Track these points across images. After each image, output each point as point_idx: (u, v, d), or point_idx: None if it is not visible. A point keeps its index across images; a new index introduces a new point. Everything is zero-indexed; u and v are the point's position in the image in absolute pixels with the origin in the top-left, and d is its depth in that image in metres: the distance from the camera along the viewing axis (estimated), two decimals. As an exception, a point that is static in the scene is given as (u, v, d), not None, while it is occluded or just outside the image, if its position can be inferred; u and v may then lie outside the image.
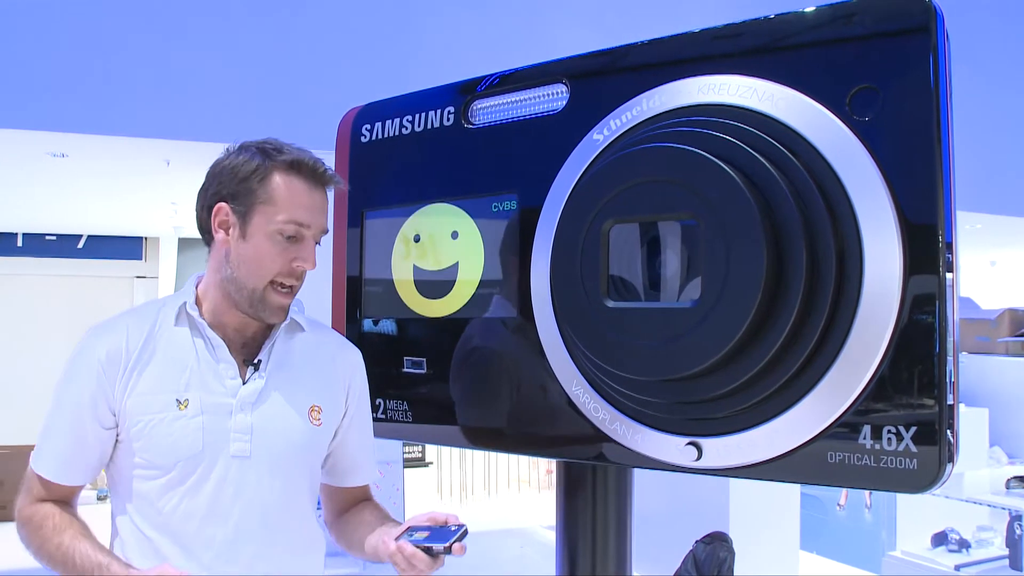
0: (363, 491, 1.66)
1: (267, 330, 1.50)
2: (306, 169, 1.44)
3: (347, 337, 1.67)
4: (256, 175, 1.42)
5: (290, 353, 1.52)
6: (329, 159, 1.77)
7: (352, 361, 1.60)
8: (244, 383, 1.45)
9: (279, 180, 1.42)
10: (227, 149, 1.48)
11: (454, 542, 1.35)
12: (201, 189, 1.48)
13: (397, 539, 1.38)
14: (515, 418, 1.54)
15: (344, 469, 1.61)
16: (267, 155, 1.43)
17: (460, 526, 1.38)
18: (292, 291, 1.47)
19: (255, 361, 1.47)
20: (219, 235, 1.45)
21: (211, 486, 1.40)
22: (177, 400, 1.41)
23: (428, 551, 1.35)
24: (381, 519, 1.56)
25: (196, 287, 1.50)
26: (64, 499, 1.46)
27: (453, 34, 4.17)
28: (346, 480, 1.63)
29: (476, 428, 1.60)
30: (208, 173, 1.48)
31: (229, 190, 1.43)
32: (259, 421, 1.44)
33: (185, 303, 1.47)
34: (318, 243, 1.48)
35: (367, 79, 3.92)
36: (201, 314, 1.47)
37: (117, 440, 1.43)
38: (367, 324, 1.75)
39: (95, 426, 1.42)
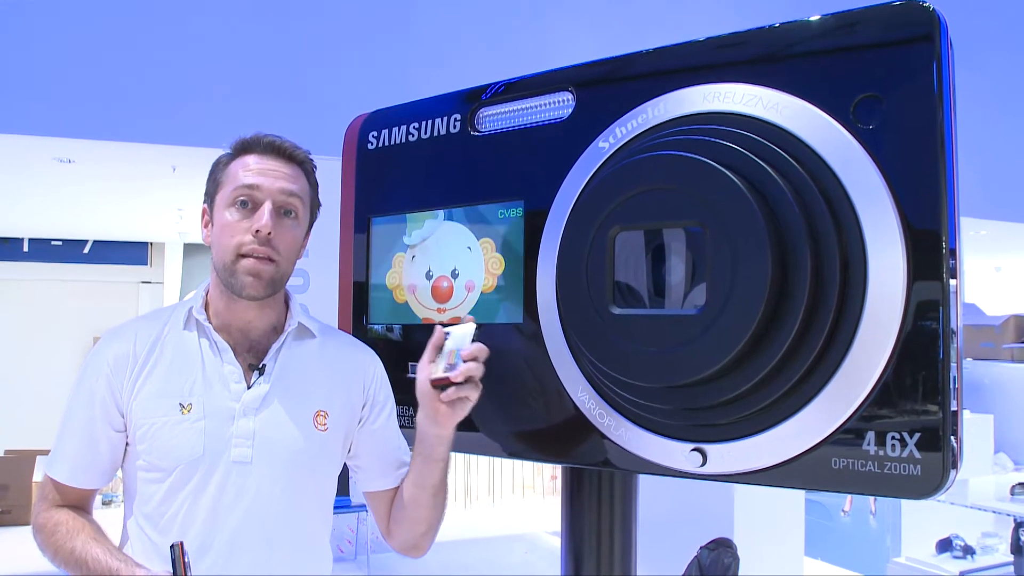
0: None
1: (274, 335, 1.51)
2: (256, 143, 1.48)
3: (353, 343, 1.67)
4: (219, 165, 1.50)
5: (298, 358, 1.52)
6: (336, 166, 1.79)
7: (365, 361, 1.59)
8: (249, 388, 1.46)
9: (235, 161, 1.48)
10: None
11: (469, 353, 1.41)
12: None
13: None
14: (520, 424, 1.55)
15: (384, 470, 1.58)
16: (231, 147, 1.50)
17: (461, 337, 1.43)
18: (265, 260, 1.43)
19: (260, 366, 1.48)
20: (204, 233, 1.50)
21: (212, 491, 1.40)
22: (180, 404, 1.42)
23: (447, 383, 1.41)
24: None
25: (205, 293, 1.51)
26: (79, 504, 1.47)
27: (460, 42, 4.18)
28: (390, 480, 1.59)
29: (481, 434, 1.61)
30: None
31: (206, 190, 1.51)
32: (261, 427, 1.44)
33: (192, 307, 1.49)
34: (289, 212, 1.46)
35: (373, 86, 3.94)
36: (208, 318, 1.48)
37: (127, 444, 1.45)
38: (373, 330, 1.75)
39: (106, 428, 1.43)
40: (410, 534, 1.57)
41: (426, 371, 1.45)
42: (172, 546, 1.25)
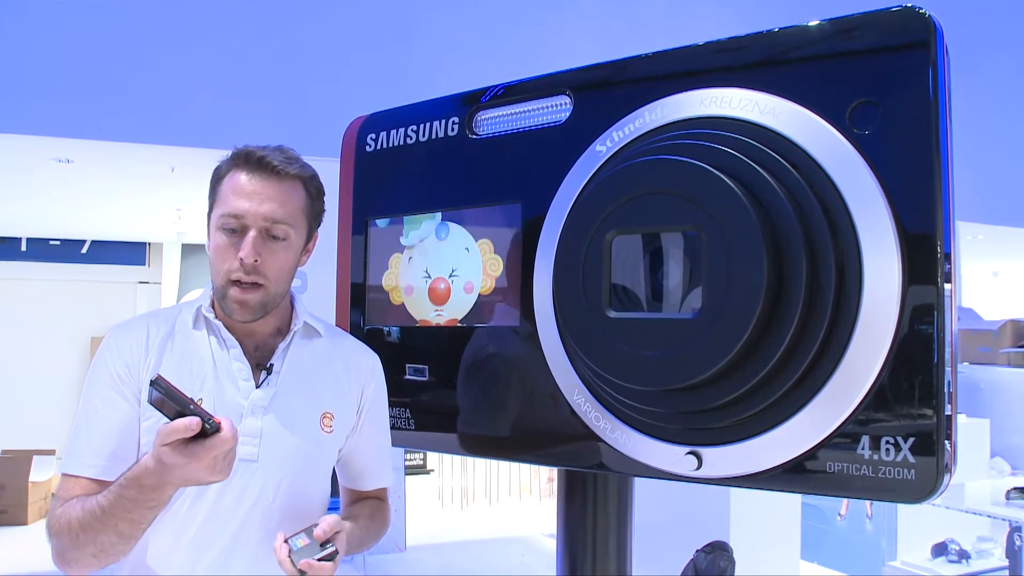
0: (376, 494, 1.65)
1: (279, 335, 1.51)
2: (245, 160, 1.44)
3: (351, 344, 1.68)
4: (217, 179, 1.46)
5: (305, 358, 1.52)
6: (334, 168, 1.79)
7: (367, 365, 1.59)
8: (257, 387, 1.46)
9: (227, 176, 1.44)
10: None
11: (317, 558, 1.34)
12: None
13: (287, 539, 1.35)
14: (516, 426, 1.55)
15: (357, 472, 1.61)
16: (227, 158, 1.47)
17: (331, 546, 1.36)
18: (254, 288, 1.42)
19: (268, 365, 1.48)
20: (208, 242, 1.48)
21: (216, 487, 1.39)
22: (192, 398, 1.41)
23: (292, 561, 1.34)
24: (360, 516, 1.55)
25: (212, 292, 1.51)
26: None
27: (458, 45, 4.19)
28: (358, 483, 1.63)
29: (478, 436, 1.61)
30: None
31: (208, 198, 1.48)
32: (269, 426, 1.44)
33: (201, 306, 1.49)
34: (277, 236, 1.43)
35: (371, 88, 3.94)
36: (216, 316, 1.48)
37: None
38: (370, 331, 1.76)
39: (130, 408, 1.40)
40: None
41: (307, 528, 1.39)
42: (152, 383, 1.17)
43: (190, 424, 1.18)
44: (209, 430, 1.19)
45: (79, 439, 1.42)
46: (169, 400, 1.18)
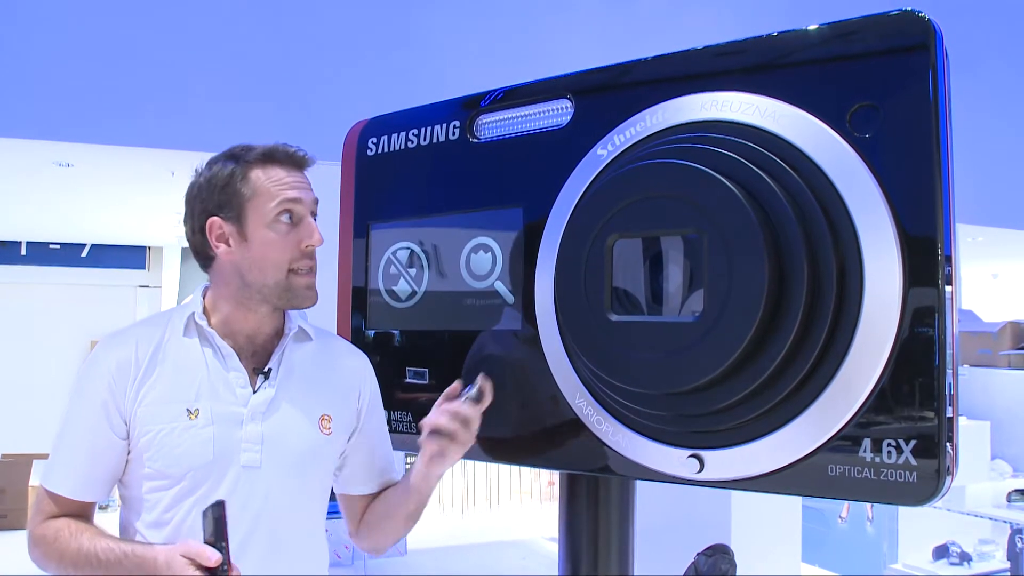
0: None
1: (275, 338, 1.51)
2: (279, 154, 1.48)
3: (352, 348, 1.68)
4: (235, 178, 1.45)
5: (299, 361, 1.52)
6: (335, 171, 1.79)
7: (360, 367, 1.61)
8: (254, 392, 1.46)
9: (259, 173, 1.45)
10: (196, 170, 1.50)
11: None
12: (185, 217, 1.50)
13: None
14: (518, 429, 1.55)
15: (367, 476, 1.61)
16: (237, 157, 1.46)
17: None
18: (312, 271, 1.49)
19: (265, 370, 1.48)
20: (220, 249, 1.46)
21: (220, 496, 1.40)
22: (187, 410, 1.41)
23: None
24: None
25: (204, 298, 1.51)
26: (78, 516, 1.43)
27: (459, 48, 4.19)
28: (370, 486, 1.62)
29: (479, 439, 1.61)
30: (185, 199, 1.50)
31: (214, 202, 1.45)
32: (270, 431, 1.44)
33: (193, 313, 1.48)
34: (315, 215, 1.50)
35: (372, 91, 3.94)
36: (210, 324, 1.48)
37: (128, 453, 1.43)
38: (371, 335, 1.76)
39: (109, 435, 1.41)
40: (379, 542, 1.63)
41: (433, 416, 1.48)
42: (216, 504, 1.25)
43: (210, 557, 1.22)
44: (219, 573, 1.23)
45: (58, 454, 1.44)
46: (212, 526, 1.24)
